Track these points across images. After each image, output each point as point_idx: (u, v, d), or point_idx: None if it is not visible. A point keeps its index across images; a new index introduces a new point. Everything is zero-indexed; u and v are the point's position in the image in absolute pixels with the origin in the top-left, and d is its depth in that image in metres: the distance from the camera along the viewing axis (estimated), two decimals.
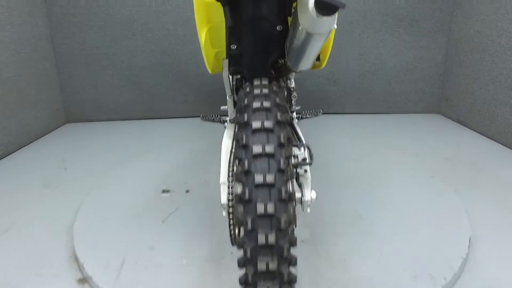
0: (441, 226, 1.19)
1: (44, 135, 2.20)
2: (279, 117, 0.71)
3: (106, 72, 2.36)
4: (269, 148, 0.67)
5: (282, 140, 0.68)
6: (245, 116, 0.71)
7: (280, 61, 0.96)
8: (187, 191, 1.44)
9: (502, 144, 1.94)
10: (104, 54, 2.33)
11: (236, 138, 0.75)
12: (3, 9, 1.87)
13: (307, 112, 1.34)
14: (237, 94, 1.09)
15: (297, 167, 0.80)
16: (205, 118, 1.33)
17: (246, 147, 0.68)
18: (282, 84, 1.09)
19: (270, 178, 0.65)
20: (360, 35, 2.35)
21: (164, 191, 1.44)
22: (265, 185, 0.65)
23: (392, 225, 1.20)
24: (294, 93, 1.10)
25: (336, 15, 0.64)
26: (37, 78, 2.14)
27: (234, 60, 0.96)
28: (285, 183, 0.66)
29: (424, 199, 1.37)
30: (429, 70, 2.42)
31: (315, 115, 1.33)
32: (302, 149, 0.81)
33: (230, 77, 1.08)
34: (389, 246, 1.10)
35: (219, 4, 0.87)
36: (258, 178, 0.64)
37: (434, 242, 1.11)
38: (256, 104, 0.71)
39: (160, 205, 1.34)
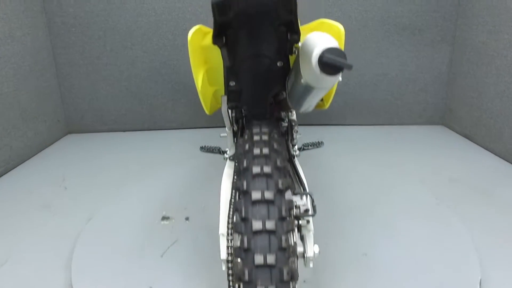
0: (449, 264, 1.14)
1: (45, 148, 2.21)
2: (280, 185, 0.67)
3: (106, 82, 2.36)
4: (270, 225, 0.63)
5: (283, 213, 0.65)
6: (244, 183, 0.68)
7: (281, 94, 0.93)
8: (187, 219, 1.42)
9: (510, 162, 1.89)
10: (104, 64, 2.33)
11: (236, 187, 0.72)
12: (2, 22, 1.88)
13: (308, 144, 1.31)
14: (236, 123, 1.07)
15: (299, 219, 0.77)
16: (204, 150, 1.31)
17: (245, 220, 0.65)
18: (283, 116, 1.06)
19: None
20: (361, 45, 2.31)
21: (163, 218, 1.43)
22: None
23: (398, 263, 1.16)
24: (296, 128, 1.07)
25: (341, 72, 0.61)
26: (37, 90, 2.15)
27: (233, 97, 0.93)
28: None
29: (430, 231, 1.33)
30: (433, 80, 2.38)
31: (317, 147, 1.29)
32: (304, 198, 0.77)
33: (229, 110, 1.05)
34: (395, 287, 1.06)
35: (216, 46, 0.85)
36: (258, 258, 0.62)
37: (441, 283, 1.07)
38: (256, 170, 0.68)
39: (159, 235, 1.32)
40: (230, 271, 0.69)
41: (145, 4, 2.22)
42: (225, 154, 1.19)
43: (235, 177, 0.80)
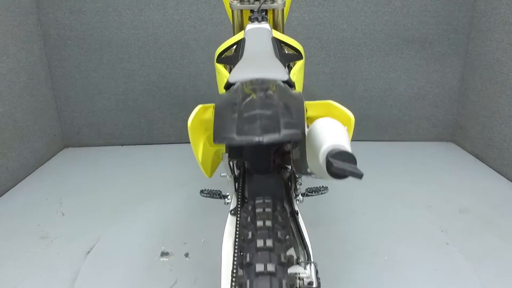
0: None
1: (42, 164, 2.16)
2: (284, 286, 0.62)
3: (103, 96, 2.30)
4: None
5: None
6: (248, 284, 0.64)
7: (285, 147, 0.89)
8: (186, 255, 1.36)
9: None
10: (100, 77, 2.26)
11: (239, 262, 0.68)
12: None
13: (312, 190, 1.23)
14: (238, 168, 1.02)
15: None
16: (205, 194, 1.23)
17: None
18: (287, 168, 1.00)
19: None
20: (368, 59, 2.20)
21: (163, 254, 1.37)
22: None
23: None
24: (300, 180, 1.00)
25: None
26: (33, 106, 2.09)
27: (235, 154, 0.90)
28: None
29: (440, 281, 1.24)
30: (443, 95, 2.26)
31: (322, 193, 1.21)
32: (308, 267, 0.72)
33: (231, 162, 0.99)
34: None
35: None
36: None
37: None
38: (259, 268, 0.63)
39: (159, 274, 1.27)
40: None
41: (142, 17, 2.14)
42: (226, 199, 1.13)
43: (237, 240, 0.75)
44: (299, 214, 0.96)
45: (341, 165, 0.51)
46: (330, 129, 0.58)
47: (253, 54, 0.95)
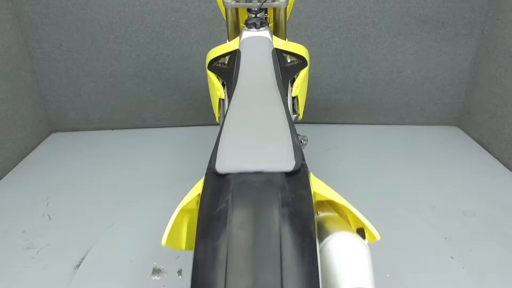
0: None
1: (27, 155, 2.04)
2: None
3: (89, 79, 2.13)
4: None
5: None
6: None
7: None
8: (180, 272, 1.31)
9: None
10: (85, 59, 2.08)
11: None
12: None
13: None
14: None
15: None
16: None
17: None
18: None
19: None
20: (376, 40, 2.04)
21: (154, 271, 1.32)
22: None
23: None
24: None
25: None
26: (12, 92, 1.93)
27: None
28: None
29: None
30: (452, 79, 2.13)
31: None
32: None
33: None
34: None
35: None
36: None
37: None
38: None
39: None
40: None
41: None
42: None
43: None
44: None
45: None
46: (350, 259, 0.49)
47: (248, 86, 0.80)
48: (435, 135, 2.18)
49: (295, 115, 1.11)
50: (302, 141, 1.08)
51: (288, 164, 0.54)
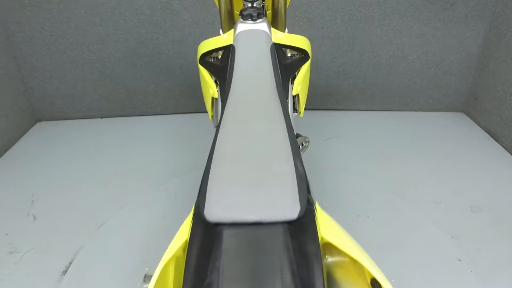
0: None
1: (11, 146, 1.93)
2: None
3: (75, 64, 2.00)
4: None
5: None
6: None
7: None
8: None
9: None
10: (70, 43, 1.94)
11: None
12: None
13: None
14: None
15: None
16: None
17: None
18: None
19: None
20: (380, 22, 1.91)
21: (146, 278, 1.24)
22: None
23: None
24: None
25: None
26: None
27: None
28: None
29: None
30: (459, 63, 2.02)
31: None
32: None
33: None
34: None
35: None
36: None
37: None
38: None
39: None
40: None
41: None
42: None
43: None
44: None
45: None
46: None
47: (244, 92, 0.69)
48: (440, 122, 2.09)
49: (296, 114, 1.01)
50: (304, 143, 0.98)
51: (292, 210, 0.44)
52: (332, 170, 1.71)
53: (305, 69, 0.92)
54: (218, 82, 0.89)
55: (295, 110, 0.99)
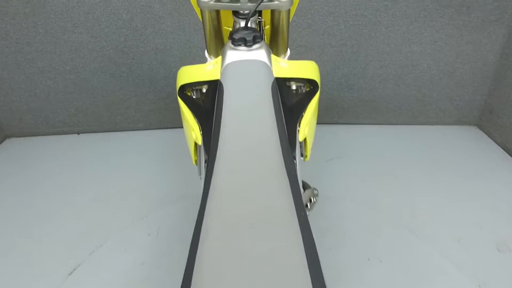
0: None
1: None
2: None
3: (45, 75, 1.78)
4: None
5: None
6: None
7: None
8: None
9: None
10: (37, 52, 1.72)
11: None
12: None
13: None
14: None
15: None
16: None
17: None
18: None
19: None
20: (388, 28, 1.71)
21: None
22: None
23: None
24: None
25: None
26: None
27: None
28: None
29: None
30: (474, 72, 1.83)
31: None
32: None
33: None
34: None
35: None
36: None
37: None
38: None
39: None
40: None
41: None
42: None
43: None
44: None
45: None
46: None
47: (236, 158, 0.49)
48: (451, 136, 1.90)
49: (302, 158, 0.81)
50: (312, 198, 0.78)
51: None
52: (335, 199, 1.51)
53: (313, 105, 0.71)
54: (201, 126, 0.69)
55: (301, 154, 0.79)
